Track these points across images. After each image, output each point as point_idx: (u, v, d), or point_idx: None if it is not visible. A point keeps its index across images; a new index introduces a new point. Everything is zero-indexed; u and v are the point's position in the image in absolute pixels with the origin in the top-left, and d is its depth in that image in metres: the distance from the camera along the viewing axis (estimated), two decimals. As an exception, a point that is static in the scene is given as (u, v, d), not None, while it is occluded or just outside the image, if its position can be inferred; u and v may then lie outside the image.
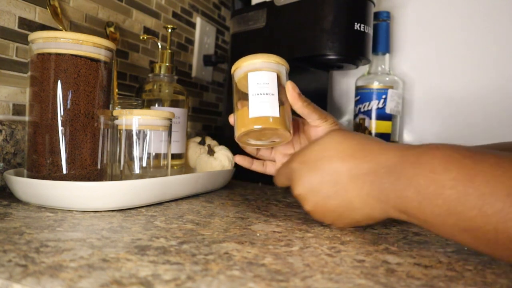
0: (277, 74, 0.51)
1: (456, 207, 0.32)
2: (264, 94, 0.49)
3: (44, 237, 0.34)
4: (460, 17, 0.88)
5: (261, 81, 0.50)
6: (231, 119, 0.54)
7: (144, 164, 0.56)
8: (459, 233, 0.33)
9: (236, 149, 0.60)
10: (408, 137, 0.93)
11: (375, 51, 0.84)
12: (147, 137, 0.56)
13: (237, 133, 0.50)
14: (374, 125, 0.84)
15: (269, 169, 0.59)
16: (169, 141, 0.59)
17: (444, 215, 0.33)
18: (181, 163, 0.72)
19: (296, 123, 0.55)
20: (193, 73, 0.98)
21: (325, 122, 0.51)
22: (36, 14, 0.60)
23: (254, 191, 0.68)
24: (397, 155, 0.38)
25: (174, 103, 0.71)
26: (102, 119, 0.49)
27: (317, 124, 0.51)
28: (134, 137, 0.56)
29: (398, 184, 0.36)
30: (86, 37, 0.47)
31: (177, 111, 0.69)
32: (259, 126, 0.48)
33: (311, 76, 0.83)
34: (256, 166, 0.58)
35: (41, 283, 0.25)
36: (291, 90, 0.50)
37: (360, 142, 0.42)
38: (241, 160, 0.58)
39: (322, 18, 0.70)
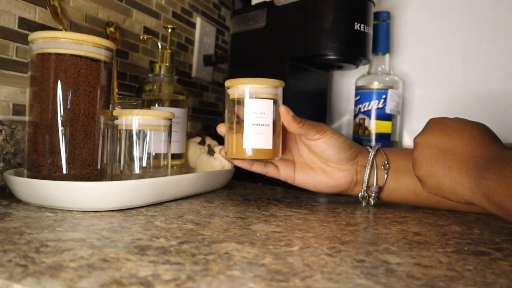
0: (274, 100, 0.51)
1: None
2: (260, 125, 0.50)
3: (44, 237, 0.34)
4: (461, 17, 0.88)
5: (257, 111, 0.50)
6: (221, 129, 0.55)
7: (144, 164, 0.56)
8: None
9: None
10: (408, 137, 0.93)
11: (375, 51, 0.83)
12: (147, 137, 0.56)
13: (229, 155, 0.53)
14: (374, 125, 0.84)
15: (271, 170, 0.58)
16: (169, 141, 0.59)
17: None
18: (181, 163, 0.72)
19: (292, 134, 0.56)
20: (193, 73, 0.98)
21: (324, 134, 0.53)
22: (36, 14, 0.60)
23: (254, 191, 0.68)
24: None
25: (174, 103, 0.71)
26: (102, 119, 0.49)
27: (316, 138, 0.53)
28: (134, 137, 0.56)
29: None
30: (86, 37, 0.47)
31: (177, 111, 0.69)
32: (252, 157, 0.51)
33: (311, 76, 0.83)
34: (256, 167, 0.57)
35: (41, 283, 0.25)
36: (285, 114, 0.51)
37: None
38: (240, 162, 0.57)
39: (322, 18, 0.70)
